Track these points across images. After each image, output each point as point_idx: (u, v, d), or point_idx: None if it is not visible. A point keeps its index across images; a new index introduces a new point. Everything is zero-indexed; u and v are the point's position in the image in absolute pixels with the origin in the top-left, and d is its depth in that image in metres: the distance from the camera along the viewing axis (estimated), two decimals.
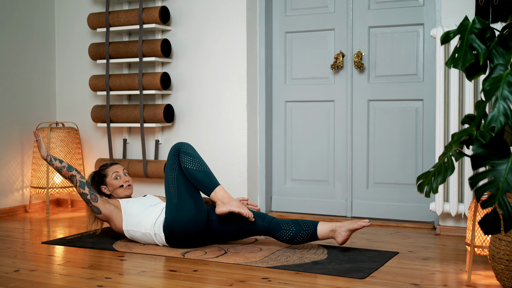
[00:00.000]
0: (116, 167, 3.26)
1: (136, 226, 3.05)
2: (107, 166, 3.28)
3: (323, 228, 2.90)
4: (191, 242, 2.98)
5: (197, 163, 2.94)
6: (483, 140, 1.83)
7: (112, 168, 3.25)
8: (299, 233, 2.90)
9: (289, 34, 4.07)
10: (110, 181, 3.23)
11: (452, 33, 2.13)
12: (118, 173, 3.23)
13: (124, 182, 3.23)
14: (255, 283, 2.37)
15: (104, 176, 3.24)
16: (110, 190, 3.24)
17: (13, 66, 4.23)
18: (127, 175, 3.28)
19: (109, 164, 3.30)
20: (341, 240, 2.87)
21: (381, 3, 3.79)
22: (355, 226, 2.85)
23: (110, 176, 3.23)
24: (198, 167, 2.93)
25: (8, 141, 4.19)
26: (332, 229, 2.89)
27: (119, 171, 3.24)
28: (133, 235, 3.09)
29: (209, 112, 4.03)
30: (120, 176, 3.24)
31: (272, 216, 2.99)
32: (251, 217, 2.87)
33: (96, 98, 4.44)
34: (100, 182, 3.26)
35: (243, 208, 2.87)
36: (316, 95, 3.99)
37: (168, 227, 2.95)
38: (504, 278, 2.17)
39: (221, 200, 2.89)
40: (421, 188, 1.99)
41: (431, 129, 3.64)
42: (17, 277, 2.51)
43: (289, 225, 2.92)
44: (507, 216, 1.69)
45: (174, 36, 4.14)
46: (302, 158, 4.05)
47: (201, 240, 3.01)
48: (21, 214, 4.19)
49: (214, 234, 3.01)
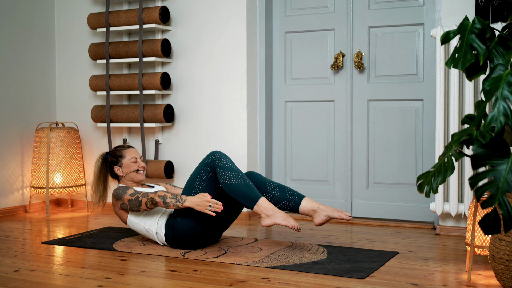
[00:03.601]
0: (133, 151, 3.21)
1: (142, 220, 3.03)
2: (123, 148, 3.22)
3: (306, 205, 2.94)
4: (192, 246, 2.98)
5: (238, 176, 2.88)
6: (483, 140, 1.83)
7: (129, 152, 3.20)
8: (282, 201, 2.96)
9: (289, 34, 4.07)
10: (126, 163, 3.17)
11: (452, 33, 2.13)
12: (136, 158, 3.19)
13: (140, 167, 3.18)
14: (255, 283, 2.37)
15: (120, 157, 3.18)
16: (124, 172, 3.17)
17: (13, 66, 4.23)
18: (142, 160, 3.23)
19: (126, 146, 3.24)
20: (318, 222, 2.91)
21: (381, 3, 3.79)
22: (335, 215, 2.88)
23: (127, 159, 3.17)
24: (239, 181, 2.87)
25: (8, 141, 4.19)
26: (314, 209, 2.93)
27: (137, 156, 3.19)
28: (135, 228, 3.06)
29: (209, 112, 4.03)
30: (137, 160, 3.19)
31: (260, 175, 3.03)
32: (298, 229, 2.82)
33: (96, 98, 4.44)
34: (114, 162, 3.19)
35: (288, 220, 2.81)
36: (316, 95, 3.99)
37: (172, 230, 2.93)
38: (504, 278, 2.17)
39: (265, 213, 2.84)
40: (421, 188, 1.99)
41: (431, 129, 3.64)
42: (17, 277, 2.51)
43: (275, 189, 2.97)
44: (507, 216, 1.69)
45: (174, 36, 4.14)
46: (302, 158, 4.05)
47: (203, 244, 3.00)
48: (21, 214, 4.19)
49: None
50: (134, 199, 2.93)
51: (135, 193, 2.94)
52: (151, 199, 2.88)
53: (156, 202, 2.87)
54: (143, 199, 2.90)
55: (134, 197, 2.93)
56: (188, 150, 4.08)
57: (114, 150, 3.23)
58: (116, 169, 3.18)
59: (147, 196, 2.90)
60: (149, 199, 2.88)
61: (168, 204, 2.85)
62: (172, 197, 2.85)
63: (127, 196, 2.96)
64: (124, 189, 2.99)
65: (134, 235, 3.34)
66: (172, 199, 2.85)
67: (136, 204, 2.93)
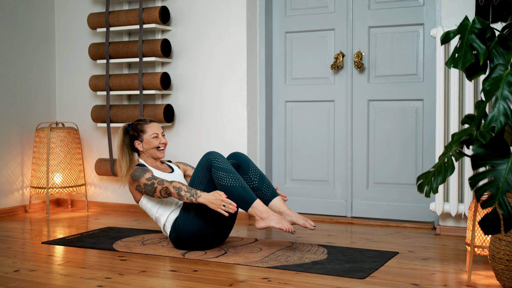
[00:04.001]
0: (155, 126, 3.16)
1: (154, 206, 3.02)
2: (146, 122, 3.18)
3: (276, 204, 2.96)
4: (196, 247, 2.97)
5: (233, 178, 2.85)
6: (483, 140, 1.83)
7: (152, 127, 3.15)
8: (257, 191, 2.98)
9: (289, 34, 4.07)
10: (147, 139, 3.13)
11: (452, 33, 2.13)
12: (157, 134, 3.14)
13: (161, 143, 3.14)
14: (255, 283, 2.37)
15: (141, 132, 3.14)
16: (144, 148, 3.14)
17: (13, 66, 4.23)
18: (164, 136, 3.19)
19: (148, 120, 3.19)
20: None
21: (381, 3, 3.79)
22: (299, 222, 2.88)
23: (148, 134, 3.13)
24: (234, 183, 2.84)
25: (8, 141, 4.19)
26: (281, 211, 2.94)
27: (158, 132, 3.15)
28: (146, 211, 3.06)
29: (209, 112, 4.03)
30: (158, 136, 3.15)
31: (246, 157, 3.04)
32: (292, 231, 2.81)
33: (96, 98, 4.44)
34: (135, 137, 3.15)
35: (282, 223, 2.81)
36: (316, 95, 3.99)
37: (177, 230, 2.93)
38: (504, 278, 2.17)
39: (259, 216, 2.83)
40: (421, 188, 1.99)
41: (431, 129, 3.64)
42: (17, 277, 2.51)
43: (255, 177, 3.00)
44: (507, 216, 1.69)
45: (174, 36, 4.14)
46: (302, 158, 4.05)
47: (206, 247, 3.00)
48: (21, 214, 4.19)
49: None
50: (150, 185, 2.91)
51: (152, 179, 2.92)
52: (165, 188, 2.86)
53: (170, 192, 2.85)
54: (158, 187, 2.88)
55: (150, 182, 2.92)
56: (188, 150, 4.08)
57: (136, 124, 3.18)
58: (136, 144, 3.15)
59: (162, 184, 2.87)
60: (164, 187, 2.86)
61: (182, 197, 2.82)
62: (187, 191, 2.82)
63: (143, 179, 2.94)
64: (142, 172, 2.97)
65: (134, 235, 3.35)
66: (187, 193, 2.81)
67: (151, 190, 2.91)
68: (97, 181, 4.46)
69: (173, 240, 2.96)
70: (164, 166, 3.24)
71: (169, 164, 3.30)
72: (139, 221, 3.89)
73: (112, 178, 4.40)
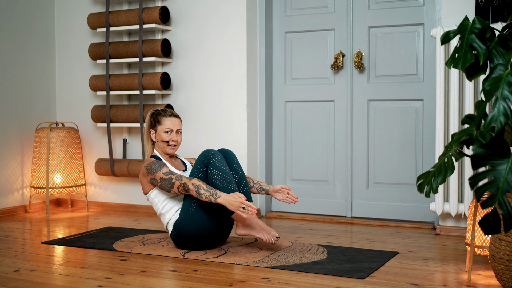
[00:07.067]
0: (172, 122, 3.09)
1: (161, 202, 3.00)
2: (166, 115, 3.11)
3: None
4: (196, 246, 2.97)
5: (225, 180, 2.84)
6: (483, 140, 1.83)
7: (168, 121, 3.08)
8: (238, 188, 2.94)
9: (289, 34, 4.07)
10: (160, 131, 3.08)
11: (452, 33, 2.13)
12: (170, 129, 3.07)
13: (171, 140, 3.08)
14: (255, 283, 2.37)
15: (158, 122, 3.09)
16: (156, 139, 3.09)
17: (13, 66, 4.23)
18: (180, 134, 3.11)
19: (168, 114, 3.12)
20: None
21: (381, 3, 3.79)
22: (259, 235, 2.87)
23: (162, 127, 3.07)
24: (225, 185, 2.83)
25: (8, 141, 4.19)
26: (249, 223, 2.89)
27: (173, 128, 3.08)
28: (153, 205, 3.04)
29: (209, 112, 4.03)
30: (171, 133, 3.08)
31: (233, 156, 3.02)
32: (273, 242, 2.84)
33: (96, 98, 4.44)
34: (152, 125, 3.11)
35: (262, 233, 2.83)
36: (316, 95, 3.99)
37: (178, 229, 2.93)
38: (504, 278, 2.17)
39: (242, 222, 2.85)
40: (421, 188, 1.99)
41: (431, 129, 3.64)
42: (17, 277, 2.51)
43: (237, 175, 2.97)
44: (507, 216, 1.69)
45: (174, 36, 4.14)
46: (302, 158, 4.05)
47: (208, 246, 2.99)
48: (21, 214, 4.19)
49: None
50: (167, 179, 2.86)
51: (170, 173, 2.88)
52: (184, 184, 2.81)
53: (189, 189, 2.80)
54: (176, 182, 2.83)
55: (167, 176, 2.87)
56: (188, 150, 4.08)
57: (158, 114, 3.12)
58: (151, 133, 3.12)
59: (181, 180, 2.83)
60: (183, 183, 2.82)
61: (201, 195, 2.77)
62: (207, 190, 2.77)
63: (160, 173, 2.89)
64: (160, 166, 2.92)
65: (134, 235, 3.35)
66: (206, 192, 2.77)
67: (168, 185, 2.86)
68: (97, 181, 4.46)
69: (173, 239, 2.96)
70: (178, 162, 3.20)
71: (183, 160, 3.25)
72: (139, 221, 3.89)
73: (112, 178, 4.40)
